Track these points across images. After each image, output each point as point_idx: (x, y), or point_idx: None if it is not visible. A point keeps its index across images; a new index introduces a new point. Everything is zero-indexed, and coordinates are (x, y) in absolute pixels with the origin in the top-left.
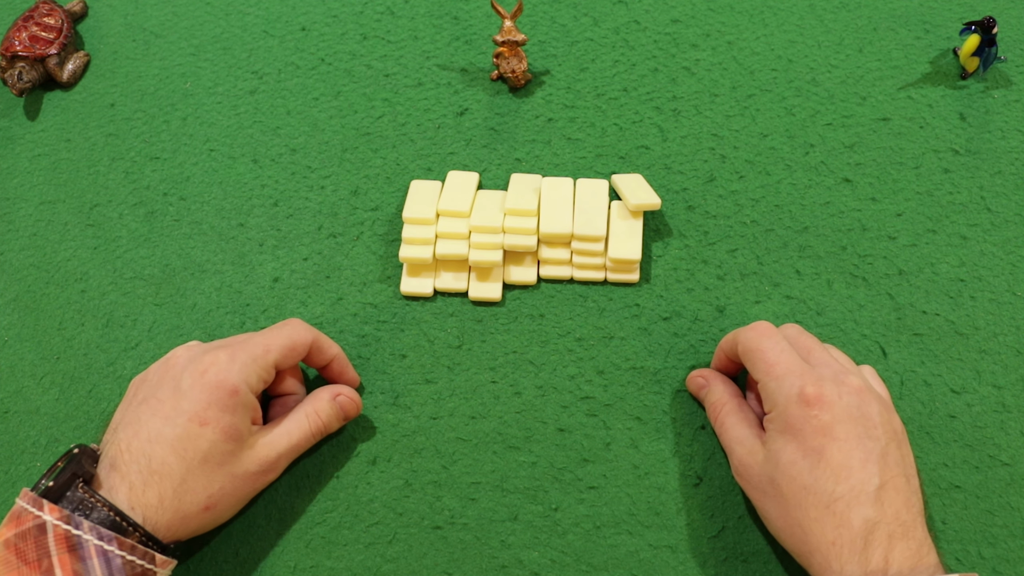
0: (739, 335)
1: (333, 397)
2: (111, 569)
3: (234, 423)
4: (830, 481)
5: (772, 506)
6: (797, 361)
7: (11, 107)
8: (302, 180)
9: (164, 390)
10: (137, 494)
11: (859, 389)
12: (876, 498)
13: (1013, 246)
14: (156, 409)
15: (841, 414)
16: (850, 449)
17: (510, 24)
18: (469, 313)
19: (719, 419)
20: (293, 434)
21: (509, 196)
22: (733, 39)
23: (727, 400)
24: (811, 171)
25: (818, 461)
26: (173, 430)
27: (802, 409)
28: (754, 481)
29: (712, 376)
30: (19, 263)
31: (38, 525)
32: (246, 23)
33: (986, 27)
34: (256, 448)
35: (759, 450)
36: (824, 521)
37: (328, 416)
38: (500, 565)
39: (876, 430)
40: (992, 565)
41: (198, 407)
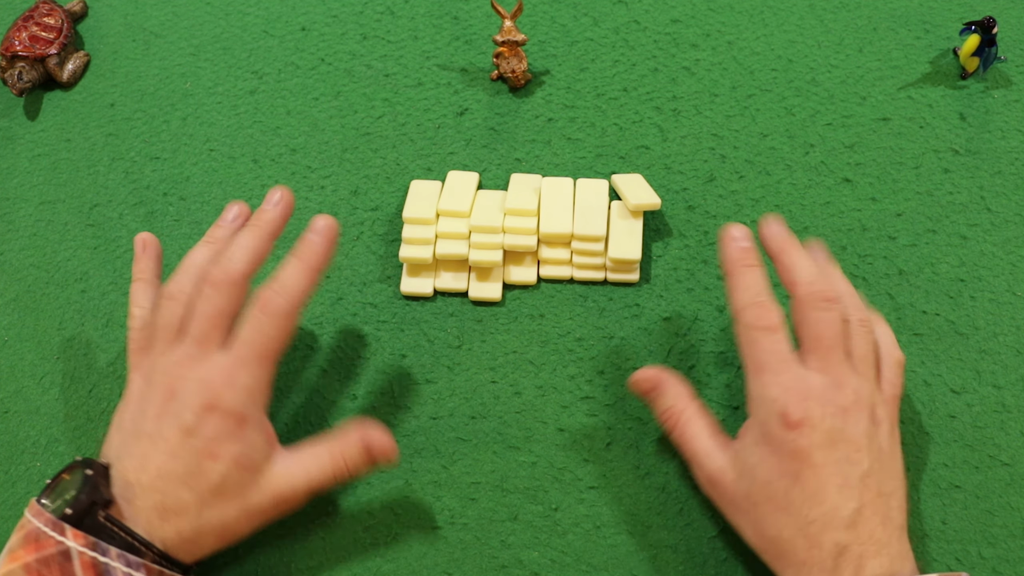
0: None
1: (363, 443)
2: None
3: (245, 452)
4: (804, 505)
5: (745, 522)
6: (789, 369)
7: (11, 107)
8: (302, 180)
9: (167, 427)
10: (155, 528)
11: (847, 407)
12: (850, 522)
13: (1013, 246)
14: (161, 446)
15: (821, 439)
16: (827, 475)
17: (510, 24)
18: (469, 313)
19: (678, 428)
20: (312, 473)
21: (509, 196)
22: (733, 39)
23: (685, 406)
24: (811, 171)
25: (793, 484)
26: (184, 466)
27: (782, 430)
28: (727, 497)
29: (661, 378)
30: (19, 263)
31: (62, 551)
32: (246, 23)
33: (986, 27)
34: (272, 479)
35: (730, 465)
36: (796, 542)
37: (355, 463)
38: (500, 565)
39: (859, 453)
40: (992, 565)
41: (207, 441)
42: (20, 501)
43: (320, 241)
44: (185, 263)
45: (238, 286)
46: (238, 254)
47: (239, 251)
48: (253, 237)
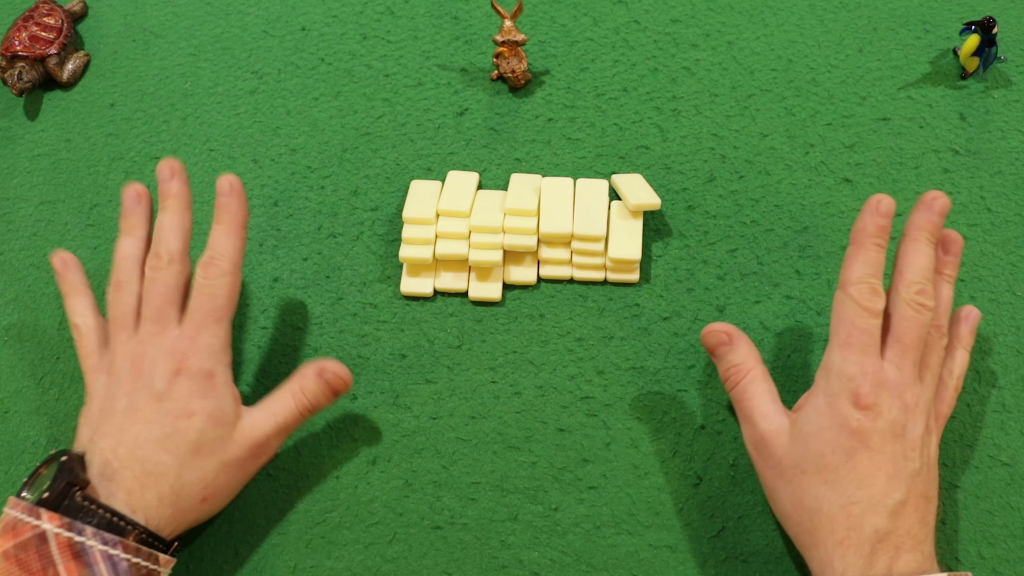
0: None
1: (319, 373)
2: (117, 572)
3: (219, 406)
4: (852, 484)
5: (786, 490)
6: (873, 353)
7: (11, 107)
8: (302, 180)
9: (139, 399)
10: (136, 497)
11: (911, 406)
12: (894, 512)
13: (1013, 246)
14: (135, 417)
15: (884, 427)
16: (881, 462)
17: (510, 24)
18: (469, 313)
19: (741, 385)
20: (279, 414)
21: (509, 196)
22: (733, 39)
23: (753, 365)
24: (811, 171)
25: (846, 460)
26: (160, 430)
27: (850, 407)
28: (773, 460)
29: (736, 334)
30: (19, 263)
31: (38, 534)
32: (246, 23)
33: (986, 27)
34: (243, 431)
35: (785, 429)
36: (836, 520)
37: (315, 394)
38: (500, 565)
39: (913, 452)
40: (992, 565)
41: (180, 402)
42: None
43: (232, 200)
44: (118, 257)
45: (178, 262)
46: (168, 234)
47: (168, 232)
48: (174, 214)
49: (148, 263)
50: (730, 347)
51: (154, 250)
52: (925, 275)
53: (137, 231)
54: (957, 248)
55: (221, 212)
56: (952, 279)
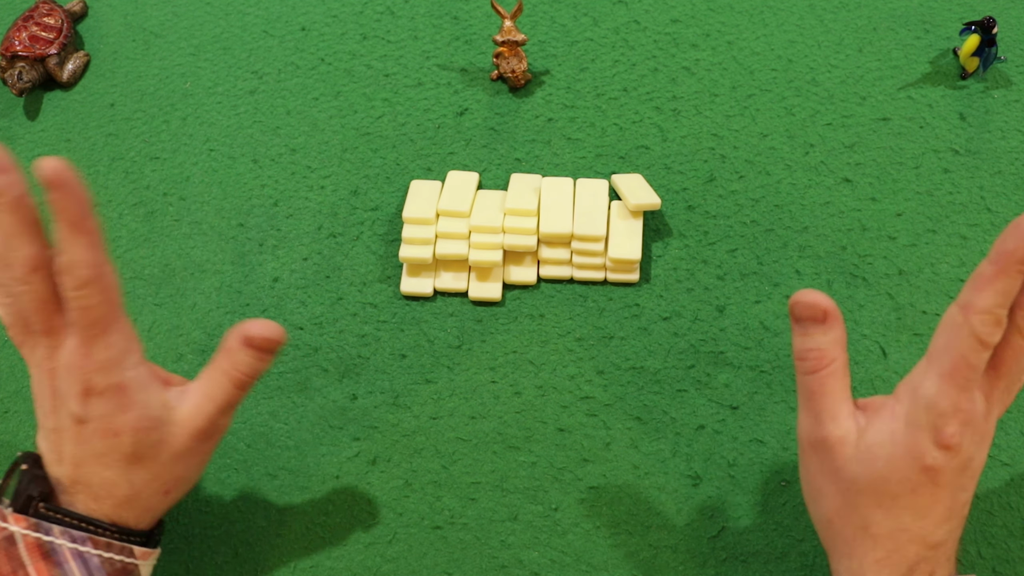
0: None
1: (246, 343)
2: (90, 569)
3: (142, 415)
4: (907, 515)
5: (835, 499)
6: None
7: (11, 107)
8: (302, 180)
9: (62, 420)
10: (94, 508)
11: (984, 437)
12: (938, 543)
13: None
14: (65, 436)
15: (957, 466)
16: (942, 497)
17: (510, 24)
18: (469, 313)
19: (820, 376)
20: (217, 396)
21: (509, 196)
22: (733, 39)
23: (839, 355)
24: (811, 171)
25: (908, 493)
26: (93, 449)
27: (929, 443)
28: (830, 466)
29: (834, 313)
30: None
31: (6, 537)
32: (246, 23)
33: (986, 27)
34: (183, 422)
35: (852, 439)
36: (881, 542)
37: (248, 365)
38: (500, 565)
39: (972, 481)
40: (991, 565)
41: (101, 422)
42: None
43: (62, 195)
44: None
45: (39, 270)
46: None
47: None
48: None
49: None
50: (823, 327)
51: (6, 261)
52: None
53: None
54: None
55: (56, 211)
56: None
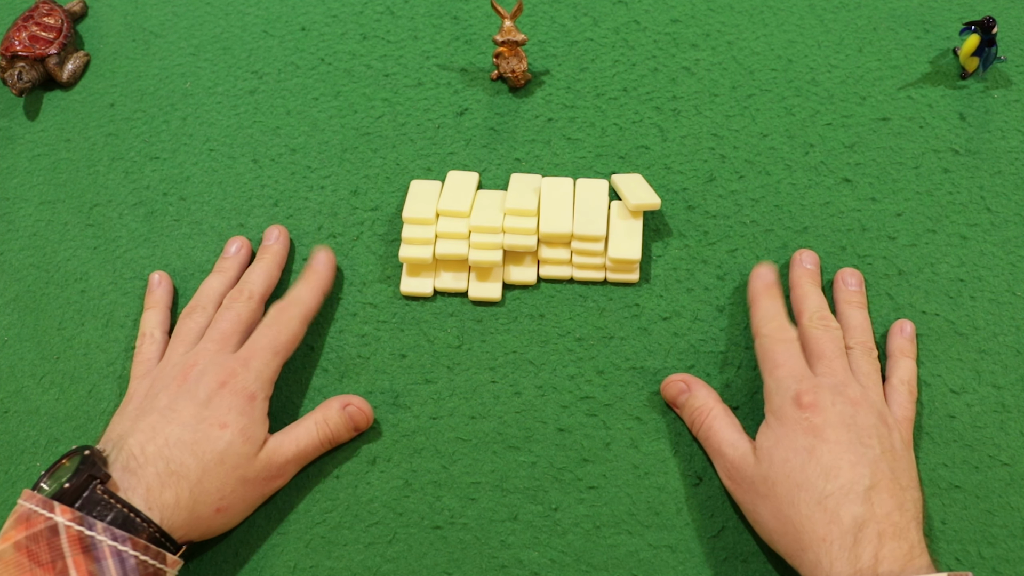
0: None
1: (343, 407)
2: (125, 569)
3: (252, 426)
4: (820, 479)
5: (765, 507)
6: (801, 367)
7: (11, 107)
8: (302, 180)
9: (181, 402)
10: (154, 495)
11: (856, 400)
12: (866, 497)
13: (1013, 246)
14: (172, 418)
15: (833, 419)
16: (840, 451)
17: (510, 24)
18: (469, 313)
19: (705, 423)
20: (301, 440)
21: (509, 196)
22: (733, 39)
23: (713, 404)
24: (811, 171)
25: (809, 458)
26: (193, 434)
27: (795, 411)
28: (747, 483)
29: (693, 381)
30: (19, 263)
31: (50, 527)
32: (246, 23)
33: (986, 27)
34: (266, 451)
35: (750, 452)
36: (815, 517)
37: (337, 425)
38: (500, 565)
39: (870, 439)
40: (992, 565)
41: (219, 412)
42: None
43: (323, 270)
44: (203, 289)
45: (256, 302)
46: (256, 278)
47: (256, 275)
48: (266, 265)
49: (229, 295)
50: (690, 394)
51: (238, 287)
52: (820, 306)
53: (228, 273)
54: (857, 279)
55: (310, 273)
56: (861, 305)
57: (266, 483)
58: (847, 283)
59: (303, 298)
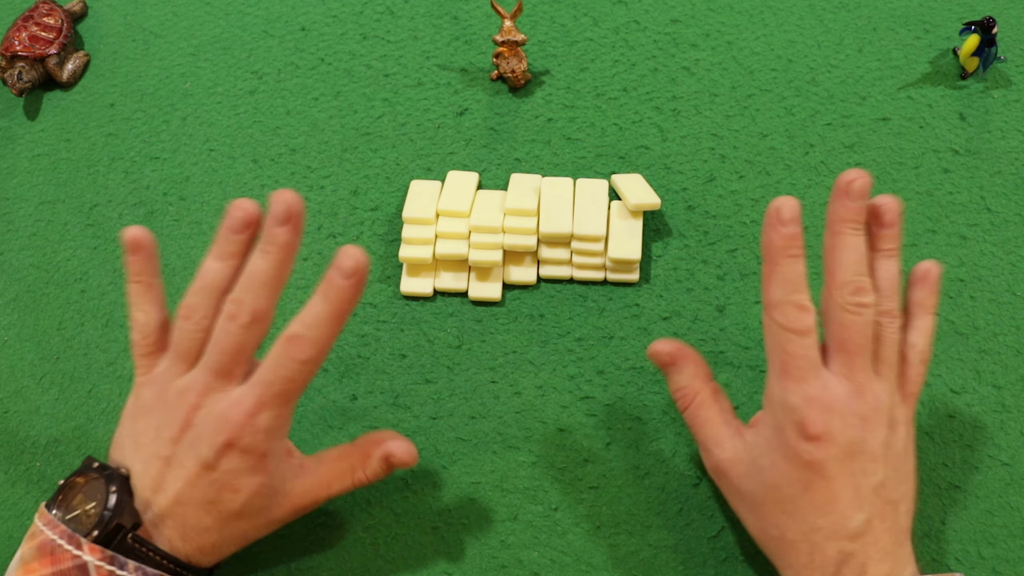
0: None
1: (385, 458)
2: None
3: (266, 483)
4: (812, 513)
5: (748, 517)
6: (815, 375)
7: (11, 107)
8: (302, 180)
9: (185, 456)
10: (177, 547)
11: (867, 415)
12: (857, 534)
13: (1013, 246)
14: (179, 475)
15: (838, 452)
16: (840, 487)
17: (510, 24)
18: (469, 313)
19: (690, 410)
20: (333, 487)
21: (509, 196)
22: (733, 39)
23: (700, 387)
24: (811, 171)
25: (803, 492)
26: (203, 494)
27: (798, 440)
28: (732, 488)
29: (680, 354)
30: (19, 263)
31: (79, 566)
32: (246, 23)
33: (986, 27)
34: (293, 496)
35: (741, 457)
36: (799, 546)
37: (374, 475)
38: (500, 565)
39: (874, 464)
40: (992, 565)
41: (227, 476)
42: (20, 501)
43: (350, 286)
44: (200, 280)
45: (261, 323)
46: (260, 289)
47: (260, 286)
48: (273, 266)
49: (227, 309)
50: (676, 368)
51: (238, 296)
52: (857, 270)
53: (231, 259)
54: (892, 216)
55: (330, 290)
56: (894, 252)
57: (290, 518)
58: (882, 221)
59: (318, 331)
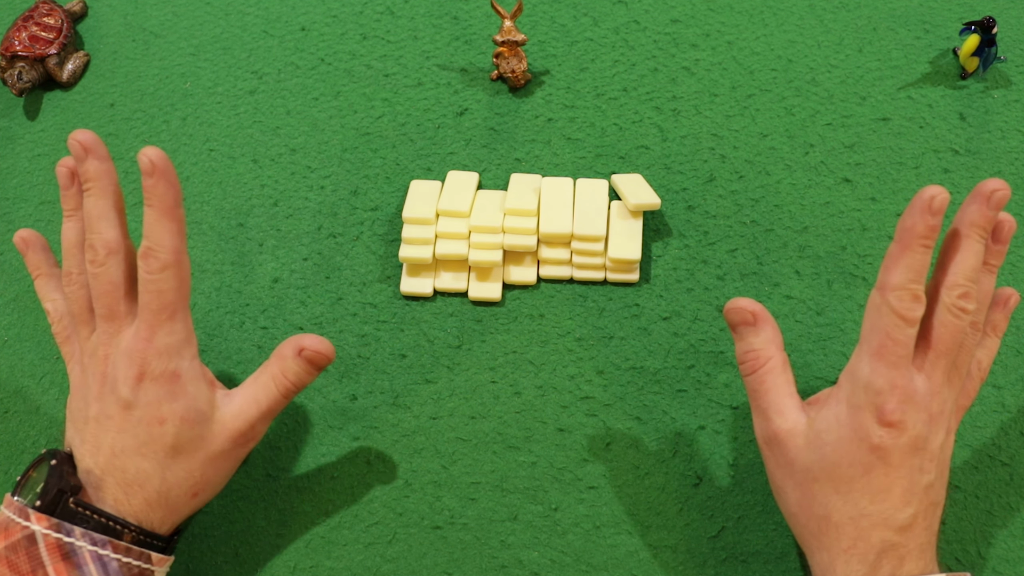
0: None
1: (298, 353)
2: (108, 573)
3: (191, 406)
4: (864, 498)
5: (795, 492)
6: (906, 364)
7: (11, 107)
8: (302, 180)
9: (108, 406)
10: (123, 504)
11: (935, 416)
12: (903, 527)
13: (1013, 246)
14: (108, 425)
15: (906, 444)
16: (898, 478)
17: (510, 24)
18: (469, 313)
19: (759, 374)
20: (262, 401)
21: (509, 196)
22: (733, 39)
23: (774, 353)
24: (811, 171)
25: (862, 475)
26: (135, 438)
27: (873, 423)
28: (785, 460)
29: (763, 315)
30: (19, 263)
31: (27, 536)
32: (246, 23)
33: (986, 27)
34: (225, 422)
35: (802, 430)
36: (844, 528)
37: (296, 374)
38: (500, 565)
39: (931, 463)
40: (992, 565)
41: (149, 409)
42: None
43: (158, 182)
44: (64, 244)
45: (117, 253)
46: (98, 223)
47: (97, 220)
48: (98, 198)
49: (87, 257)
50: (753, 328)
51: (89, 242)
52: (971, 276)
53: (76, 212)
54: (1007, 234)
55: (149, 195)
56: (996, 268)
57: (236, 450)
58: (998, 236)
59: (160, 237)
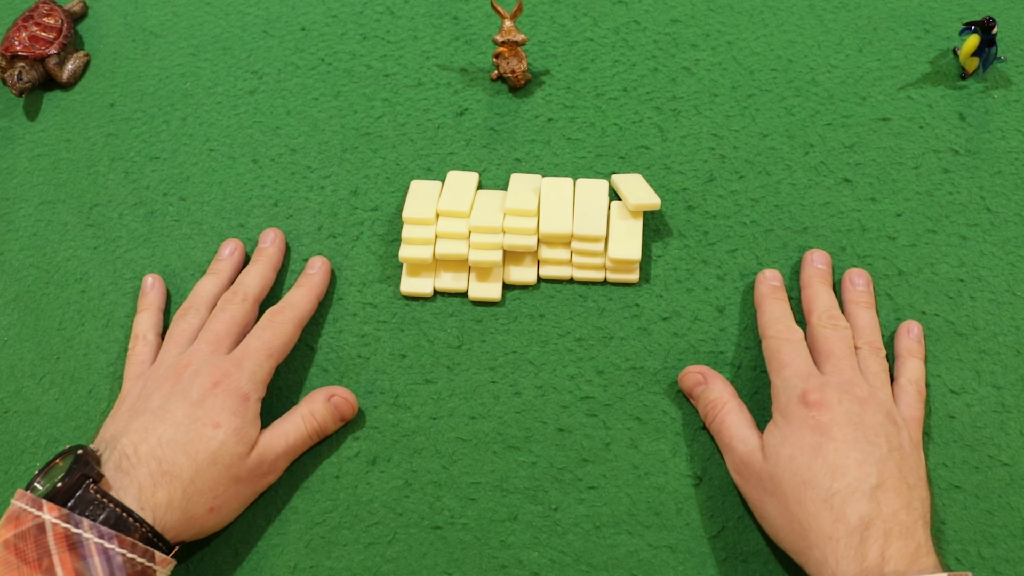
0: (766, 331)
1: (328, 398)
2: (112, 567)
3: (244, 426)
4: (826, 477)
5: (772, 504)
6: (807, 366)
7: (11, 107)
8: (302, 180)
9: (174, 402)
10: (147, 495)
11: (863, 399)
12: (872, 495)
13: (1013, 246)
14: (165, 418)
15: (840, 417)
16: (847, 449)
17: (510, 24)
18: (469, 313)
19: (718, 417)
20: (290, 435)
21: (509, 196)
22: (733, 39)
23: (728, 399)
24: (811, 171)
25: (815, 456)
26: (186, 434)
27: (802, 409)
28: (754, 479)
29: (710, 374)
30: (19, 263)
31: (37, 525)
32: (246, 23)
33: (986, 27)
34: (257, 451)
35: (760, 448)
36: (821, 515)
37: (323, 417)
38: (500, 565)
39: (877, 438)
40: (992, 565)
41: (212, 412)
42: None
43: (318, 277)
44: (197, 290)
45: (250, 304)
46: (250, 280)
47: (251, 278)
48: (260, 267)
49: (223, 297)
50: (706, 386)
51: (232, 289)
52: (830, 306)
53: (222, 275)
54: (864, 280)
55: (305, 278)
56: (869, 305)
57: (258, 480)
58: (855, 283)
59: (298, 303)
